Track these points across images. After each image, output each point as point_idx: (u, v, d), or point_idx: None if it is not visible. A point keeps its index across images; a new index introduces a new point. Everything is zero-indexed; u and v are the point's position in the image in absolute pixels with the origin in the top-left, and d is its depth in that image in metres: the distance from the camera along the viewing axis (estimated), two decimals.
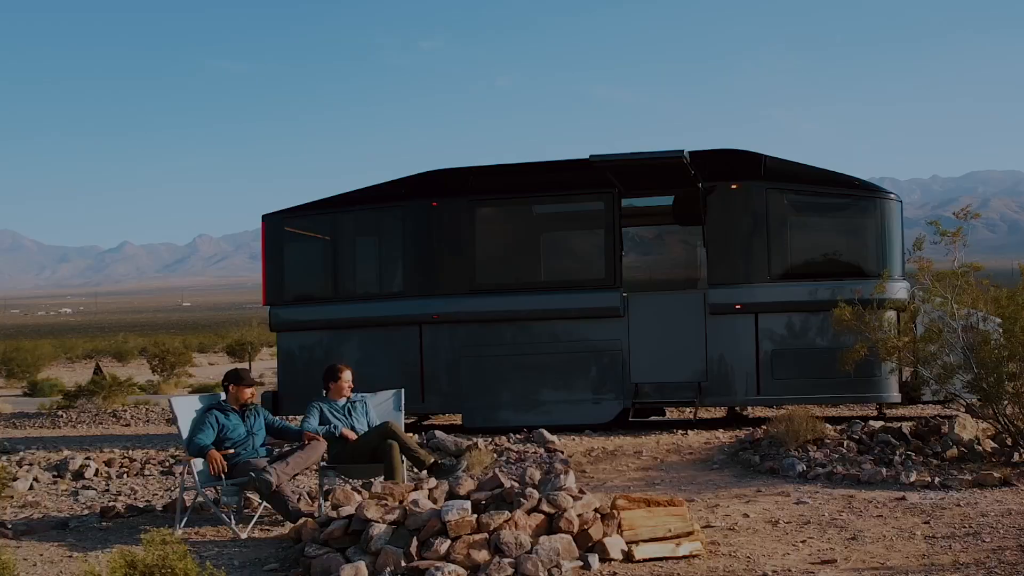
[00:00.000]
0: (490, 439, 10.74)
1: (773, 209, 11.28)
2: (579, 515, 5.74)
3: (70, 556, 6.55)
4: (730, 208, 11.42)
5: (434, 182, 12.20)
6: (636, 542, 5.81)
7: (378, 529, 5.69)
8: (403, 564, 5.51)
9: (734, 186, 11.37)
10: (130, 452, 11.05)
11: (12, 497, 8.93)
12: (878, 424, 9.95)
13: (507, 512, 5.69)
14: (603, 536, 5.76)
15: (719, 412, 13.17)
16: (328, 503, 6.83)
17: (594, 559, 5.60)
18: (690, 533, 5.92)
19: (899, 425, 9.75)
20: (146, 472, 10.09)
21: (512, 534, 5.56)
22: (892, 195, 11.45)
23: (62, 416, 16.68)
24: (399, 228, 12.23)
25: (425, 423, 13.24)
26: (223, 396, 7.64)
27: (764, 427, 9.95)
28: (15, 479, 9.43)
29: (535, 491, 5.82)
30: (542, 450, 10.12)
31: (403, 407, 8.23)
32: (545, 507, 5.75)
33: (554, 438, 10.48)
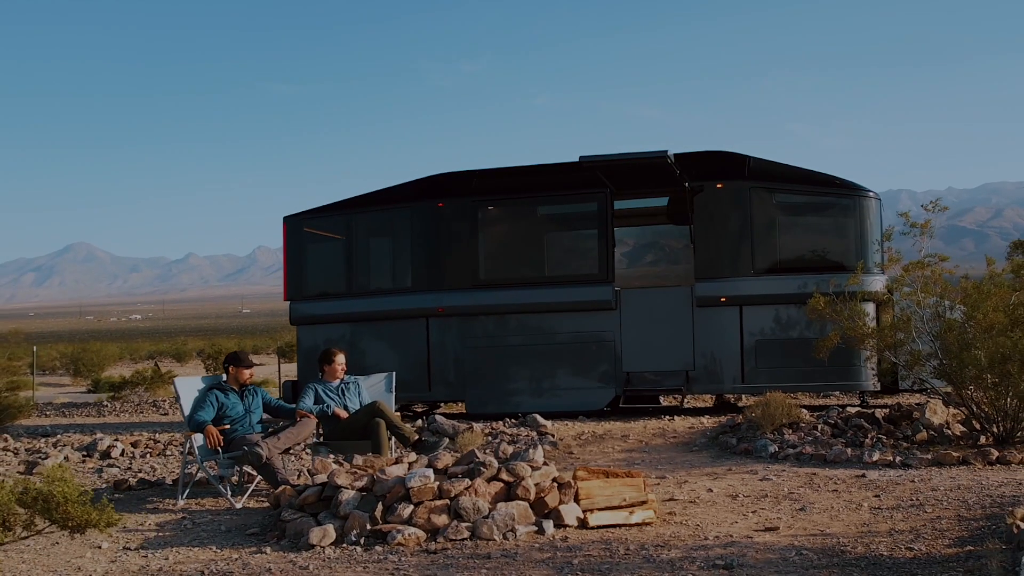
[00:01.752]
0: (488, 424, 10.71)
1: (757, 207, 11.16)
2: (536, 484, 5.68)
3: None
4: (716, 206, 11.31)
5: (440, 184, 12.24)
6: (592, 510, 5.73)
7: (347, 495, 5.68)
8: (368, 527, 5.50)
9: (719, 185, 11.27)
10: (156, 435, 11.17)
11: (42, 474, 9.05)
12: (854, 410, 9.78)
13: (468, 480, 5.66)
14: (559, 504, 5.70)
15: (709, 400, 13.03)
16: None
17: (549, 525, 5.54)
18: (644, 502, 5.84)
19: (872, 411, 9.58)
20: (167, 452, 10.19)
21: (471, 500, 5.53)
22: (871, 193, 11.27)
23: (107, 406, 16.92)
24: (408, 227, 12.27)
25: (437, 412, 13.23)
26: (224, 377, 7.71)
27: (743, 412, 9.82)
28: (46, 458, 9.58)
29: (495, 460, 5.78)
30: (534, 433, 10.06)
31: (394, 389, 8.23)
32: (504, 476, 5.71)
33: (547, 423, 10.42)
